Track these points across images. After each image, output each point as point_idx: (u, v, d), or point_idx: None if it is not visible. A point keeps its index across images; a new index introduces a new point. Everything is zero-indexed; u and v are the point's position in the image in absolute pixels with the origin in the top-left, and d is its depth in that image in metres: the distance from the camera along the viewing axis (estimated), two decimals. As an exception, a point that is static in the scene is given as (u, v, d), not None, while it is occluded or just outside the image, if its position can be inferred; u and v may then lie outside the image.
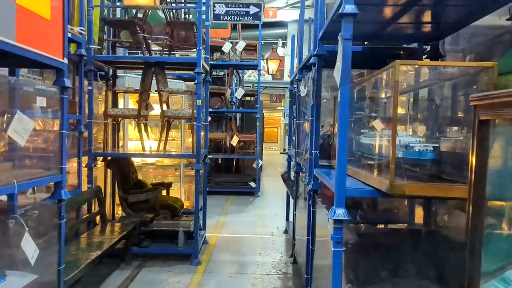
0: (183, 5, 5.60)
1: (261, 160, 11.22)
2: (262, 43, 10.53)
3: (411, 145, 2.50)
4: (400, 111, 2.96)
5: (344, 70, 2.57)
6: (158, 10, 5.30)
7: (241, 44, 9.85)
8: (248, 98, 12.58)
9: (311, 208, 4.00)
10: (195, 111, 5.43)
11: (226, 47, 9.73)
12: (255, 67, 10.28)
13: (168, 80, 6.26)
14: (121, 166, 5.87)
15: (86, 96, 5.25)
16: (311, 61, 4.20)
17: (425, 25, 3.67)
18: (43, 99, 3.43)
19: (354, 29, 3.64)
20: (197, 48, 5.26)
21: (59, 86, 3.27)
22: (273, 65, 11.17)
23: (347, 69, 2.58)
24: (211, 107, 10.05)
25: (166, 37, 5.52)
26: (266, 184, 12.49)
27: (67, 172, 4.82)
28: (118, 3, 6.05)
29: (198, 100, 5.39)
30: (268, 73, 11.52)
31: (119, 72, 6.45)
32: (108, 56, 5.76)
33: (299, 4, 21.34)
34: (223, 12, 6.06)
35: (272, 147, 27.07)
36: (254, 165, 10.41)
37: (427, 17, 3.45)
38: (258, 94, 10.25)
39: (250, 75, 20.44)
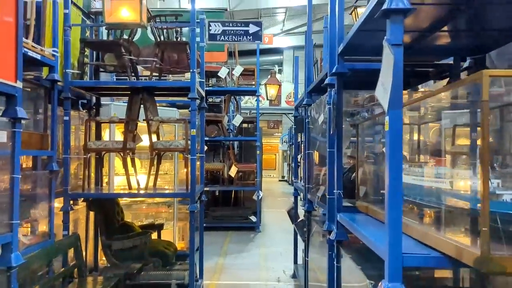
0: (174, 23, 4.89)
1: (262, 191, 10.39)
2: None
3: (497, 192, 1.72)
4: (460, 142, 2.19)
5: (395, 87, 1.82)
6: (146, 29, 4.60)
7: (238, 69, 9.19)
8: (246, 125, 11.86)
9: (334, 262, 3.18)
10: (189, 142, 4.67)
11: (223, 72, 9.06)
12: (253, 92, 9.60)
13: (159, 107, 5.52)
14: (103, 206, 5.04)
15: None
16: (326, 81, 3.46)
17: (468, 33, 2.95)
18: (2, 134, 2.66)
19: (365, 41, 2.90)
20: (191, 71, 4.53)
21: (10, 117, 2.49)
22: (272, 90, 10.50)
23: (398, 85, 1.83)
24: (207, 136, 9.31)
25: (156, 59, 4.80)
26: (267, 217, 11.61)
27: (36, 220, 3.99)
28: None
29: (192, 130, 4.62)
30: (267, 99, 10.85)
31: (104, 100, 5.69)
32: (88, 81, 5.02)
33: (295, 31, 21.03)
34: (219, 32, 5.36)
35: (270, 174, 26.22)
36: (255, 197, 9.58)
37: (472, 23, 2.74)
38: (257, 120, 9.53)
39: (246, 102, 19.83)
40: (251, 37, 5.49)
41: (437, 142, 2.32)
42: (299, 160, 14.32)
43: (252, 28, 5.38)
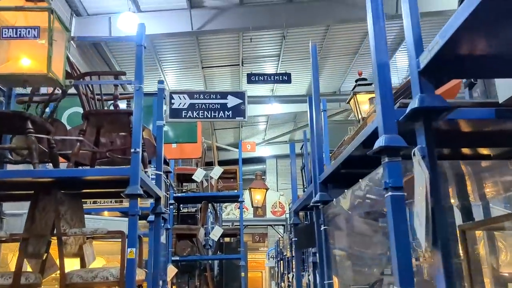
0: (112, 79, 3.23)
1: (249, 325, 7.88)
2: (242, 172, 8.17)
3: None
4: None
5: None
6: (64, 88, 2.88)
7: (217, 171, 7.44)
8: (228, 239, 9.73)
9: None
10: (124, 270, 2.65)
11: (199, 174, 7.28)
12: (235, 198, 7.73)
13: (98, 218, 3.57)
14: None
15: None
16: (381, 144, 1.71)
17: None
18: None
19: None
20: (133, 150, 2.72)
21: None
22: (258, 196, 8.66)
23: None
24: (178, 255, 7.15)
25: (80, 138, 2.98)
26: None
27: None
28: None
29: (130, 250, 2.63)
30: (252, 206, 8.93)
31: (10, 208, 3.73)
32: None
33: (276, 140, 19.99)
34: (185, 106, 3.67)
35: (256, 295, 22.90)
36: (240, 336, 7.09)
37: None
38: (241, 233, 7.49)
39: (228, 213, 17.75)
40: (230, 112, 3.77)
41: None
42: (290, 279, 11.88)
43: (232, 100, 3.71)
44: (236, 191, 7.68)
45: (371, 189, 1.94)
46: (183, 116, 3.69)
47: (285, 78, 10.76)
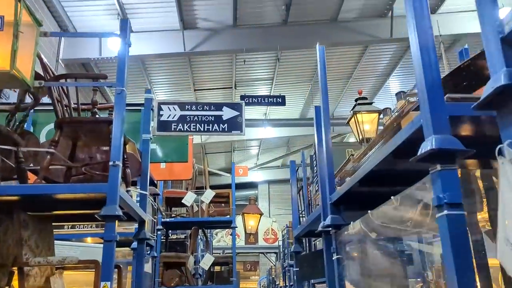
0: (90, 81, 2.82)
1: None
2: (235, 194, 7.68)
3: None
4: None
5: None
6: (32, 90, 2.46)
7: (209, 194, 6.95)
8: (218, 268, 9.12)
9: None
10: (97, 310, 2.16)
11: (189, 198, 6.79)
12: (228, 224, 7.22)
13: (74, 245, 3.08)
14: None
15: None
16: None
17: None
18: None
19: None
20: (111, 163, 2.28)
21: None
22: (251, 222, 8.15)
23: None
24: (165, 285, 6.57)
25: (51, 150, 2.53)
26: None
27: None
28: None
29: (103, 284, 2.15)
30: (246, 232, 8.40)
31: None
32: None
33: (268, 165, 19.56)
34: (175, 118, 3.23)
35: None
36: None
37: None
38: (234, 262, 6.93)
39: (219, 240, 17.08)
40: (225, 125, 3.32)
41: None
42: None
43: (228, 112, 3.26)
44: (228, 216, 7.18)
45: (406, 208, 1.52)
46: (173, 129, 3.25)
47: (279, 100, 10.46)
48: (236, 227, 7.05)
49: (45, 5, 8.96)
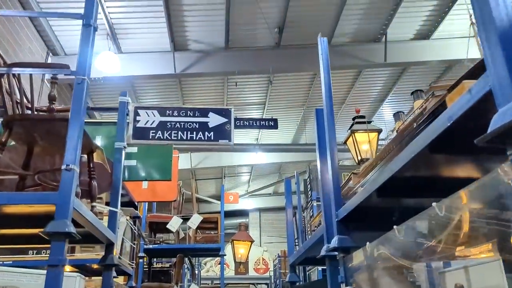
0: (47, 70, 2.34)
1: None
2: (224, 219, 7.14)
3: None
4: None
5: None
6: None
7: (196, 219, 6.41)
8: (205, 300, 8.46)
9: None
10: None
11: (174, 223, 6.24)
12: (216, 252, 6.63)
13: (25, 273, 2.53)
14: None
15: None
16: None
17: None
18: None
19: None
20: (64, 167, 1.79)
21: None
22: (241, 250, 7.55)
23: None
24: (145, 320, 5.91)
25: (-4, 152, 2.04)
26: None
27: None
28: None
29: (43, 324, 1.62)
30: (235, 261, 7.77)
31: None
32: None
33: (260, 192, 19.00)
34: (153, 125, 2.74)
35: None
36: None
37: None
38: (222, 293, 6.31)
39: (208, 270, 16.25)
40: (212, 134, 2.81)
41: None
42: None
43: (215, 119, 2.77)
44: (217, 243, 6.60)
45: (459, 216, 1.05)
46: (151, 137, 2.77)
47: (272, 123, 10.05)
48: (225, 254, 6.47)
49: (33, 24, 8.62)
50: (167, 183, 5.00)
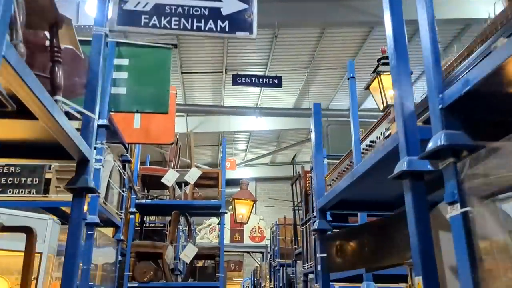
0: None
1: None
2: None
3: None
4: None
5: None
6: None
7: (194, 173, 5.65)
8: (201, 263, 7.80)
9: None
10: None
11: (170, 177, 5.48)
12: (215, 209, 5.90)
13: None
14: None
15: None
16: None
17: None
18: None
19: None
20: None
21: None
22: (242, 209, 6.85)
23: None
24: (137, 280, 5.23)
25: None
26: None
27: None
28: None
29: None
30: (236, 221, 7.08)
31: None
32: None
33: (257, 162, 18.26)
34: (147, 8, 1.98)
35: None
36: None
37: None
38: (221, 254, 5.60)
39: (202, 237, 15.66)
40: (226, 23, 2.04)
41: None
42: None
43: (230, 4, 1.99)
44: (217, 199, 5.87)
45: None
46: (143, 23, 1.94)
47: (275, 81, 9.23)
48: (226, 212, 5.75)
49: None
50: (162, 122, 4.20)
